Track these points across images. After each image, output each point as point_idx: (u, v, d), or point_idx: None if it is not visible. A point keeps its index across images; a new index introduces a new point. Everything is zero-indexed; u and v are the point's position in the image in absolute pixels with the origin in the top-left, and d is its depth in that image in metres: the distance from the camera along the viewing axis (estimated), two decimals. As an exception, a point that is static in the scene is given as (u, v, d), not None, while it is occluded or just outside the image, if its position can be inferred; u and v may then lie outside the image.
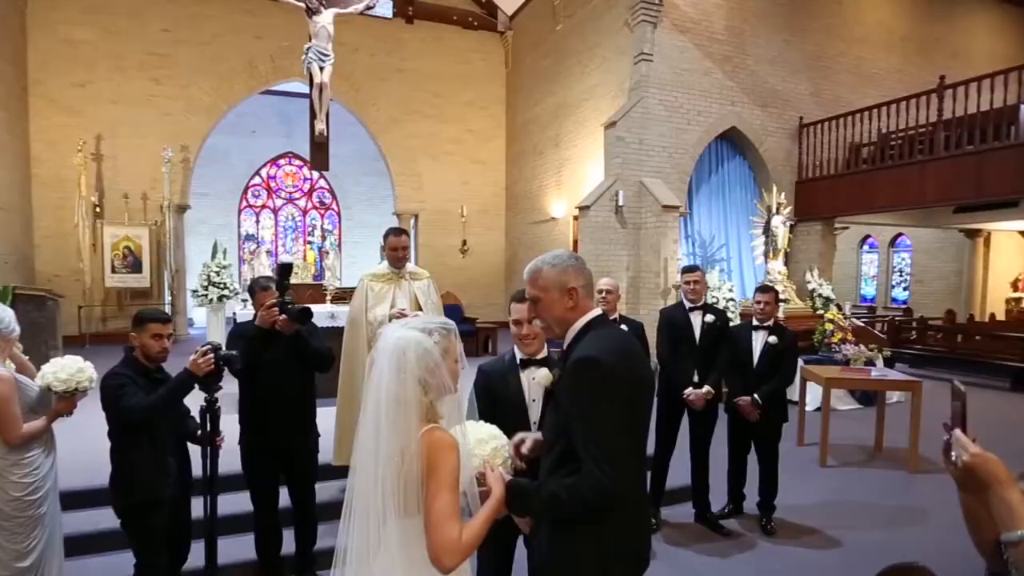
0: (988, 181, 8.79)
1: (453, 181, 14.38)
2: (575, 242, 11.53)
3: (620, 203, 9.34)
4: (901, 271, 15.46)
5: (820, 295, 9.96)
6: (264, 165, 16.78)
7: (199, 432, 2.81)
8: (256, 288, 3.20)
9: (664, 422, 4.29)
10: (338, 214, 17.51)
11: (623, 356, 1.71)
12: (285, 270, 3.07)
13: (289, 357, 3.08)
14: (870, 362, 7.84)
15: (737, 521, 4.40)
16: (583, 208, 9.47)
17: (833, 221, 11.23)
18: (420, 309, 3.85)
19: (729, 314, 8.00)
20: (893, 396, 7.52)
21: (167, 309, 11.48)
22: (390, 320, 3.75)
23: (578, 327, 1.78)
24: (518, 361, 2.60)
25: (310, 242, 17.12)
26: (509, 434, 2.02)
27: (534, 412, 2.54)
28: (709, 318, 4.35)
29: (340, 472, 3.85)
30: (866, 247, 16.21)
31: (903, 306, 14.75)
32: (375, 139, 13.82)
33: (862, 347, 8.04)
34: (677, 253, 9.54)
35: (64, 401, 2.76)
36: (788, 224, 9.83)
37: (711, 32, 10.20)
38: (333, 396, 4.02)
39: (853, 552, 3.95)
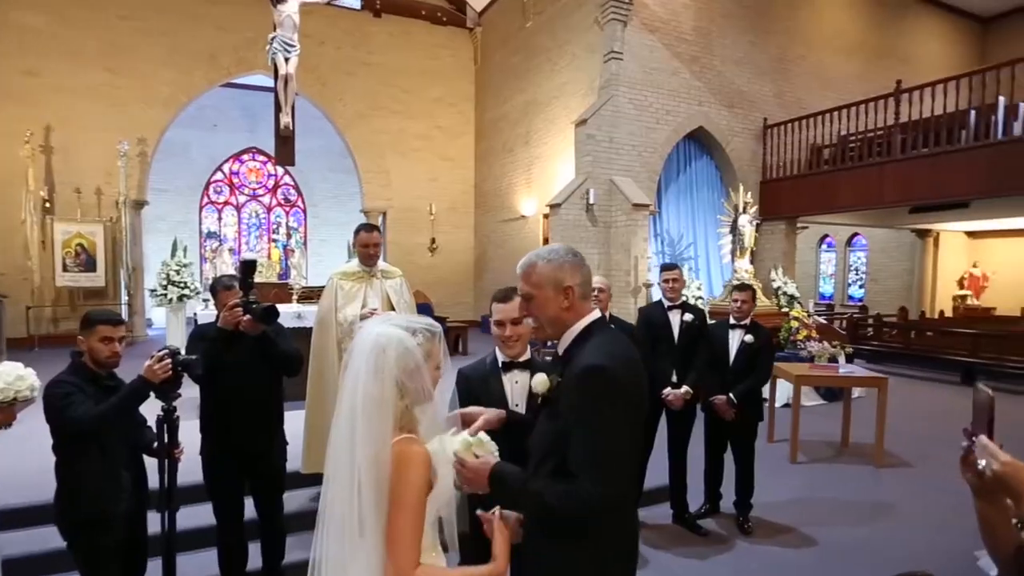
0: (943, 182, 9.04)
1: (421, 178, 14.10)
2: (545, 240, 11.44)
3: (591, 201, 9.28)
4: (857, 270, 15.89)
5: (785, 293, 10.12)
6: (226, 160, 16.16)
7: (155, 444, 2.57)
8: (218, 287, 2.98)
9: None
10: (304, 211, 16.99)
11: (628, 365, 1.59)
12: (249, 268, 2.85)
13: (254, 360, 2.87)
14: (833, 359, 7.97)
15: (714, 521, 4.34)
16: (554, 206, 9.38)
17: (796, 221, 11.43)
18: (392, 309, 3.67)
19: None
20: (856, 391, 7.65)
21: (123, 310, 10.95)
22: (361, 320, 3.58)
23: (577, 330, 1.64)
24: (500, 364, 2.47)
25: (275, 240, 16.57)
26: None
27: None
28: (688, 317, 4.29)
29: (309, 480, 3.64)
30: (824, 246, 16.61)
31: (859, 303, 15.13)
32: (342, 134, 13.42)
33: (825, 344, 8.16)
34: (647, 252, 9.54)
35: (1, 412, 2.49)
36: (754, 223, 9.94)
37: (679, 32, 10.23)
38: (301, 400, 3.80)
39: (828, 550, 3.93)
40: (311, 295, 5.93)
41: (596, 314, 1.68)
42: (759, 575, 3.66)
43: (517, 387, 2.46)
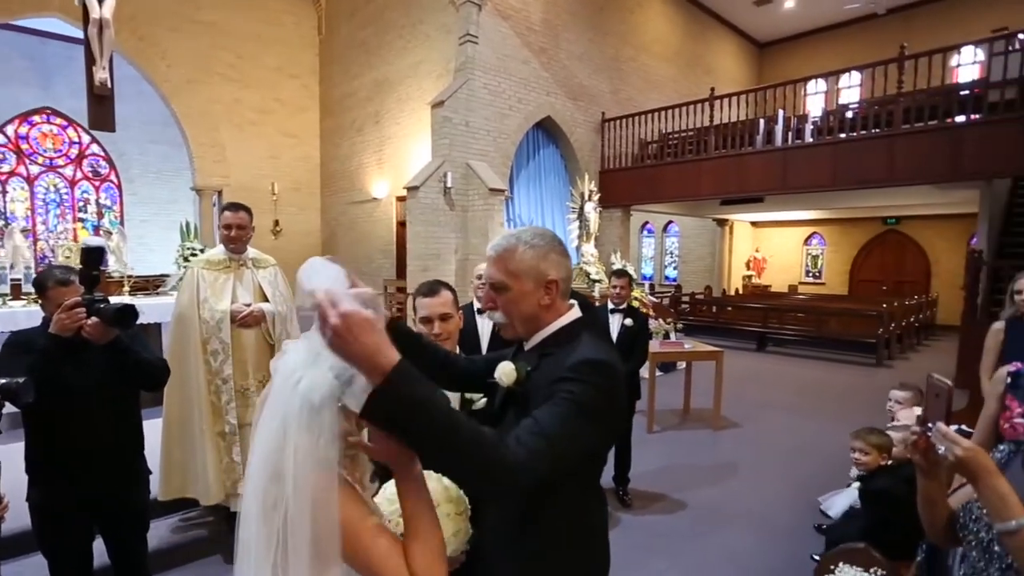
0: (746, 179, 10.23)
1: (261, 155, 12.42)
2: (400, 224, 10.86)
3: (448, 185, 8.92)
4: (672, 253, 17.60)
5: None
6: (11, 121, 12.70)
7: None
8: (48, 282, 2.07)
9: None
10: (118, 187, 14.03)
11: (623, 373, 1.30)
12: (93, 256, 2.05)
13: (106, 374, 2.10)
14: (667, 335, 8.68)
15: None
16: (412, 189, 8.83)
17: (630, 209, 12.23)
18: (266, 301, 3.05)
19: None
20: (680, 363, 8.40)
21: None
22: (233, 319, 2.91)
23: (552, 330, 1.33)
24: None
25: (82, 219, 13.51)
26: None
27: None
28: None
29: (168, 508, 2.92)
30: (645, 232, 18.13)
31: (674, 283, 16.83)
32: (167, 101, 11.25)
33: (660, 321, 8.85)
34: (502, 235, 9.49)
35: None
36: (598, 211, 10.41)
37: (529, 23, 10.19)
38: (151, 406, 3.02)
39: (699, 512, 4.11)
40: (146, 286, 4.84)
41: (577, 312, 1.36)
42: (647, 545, 3.73)
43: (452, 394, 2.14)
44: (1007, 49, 7.88)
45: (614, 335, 4.35)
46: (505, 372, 1.34)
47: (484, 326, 3.78)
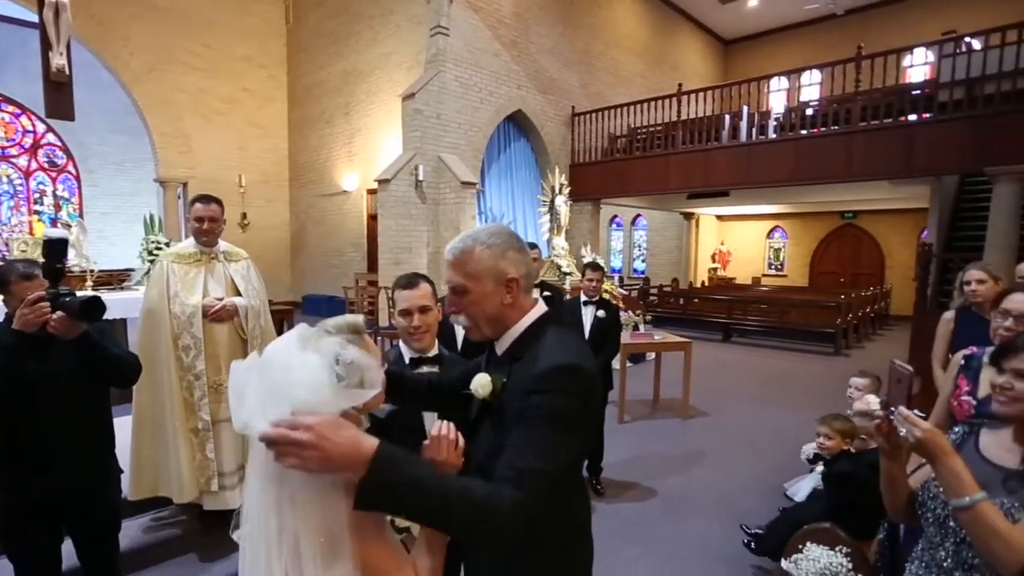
0: (712, 173, 10.42)
1: (228, 146, 12.08)
2: (372, 217, 10.73)
3: (420, 177, 8.85)
4: (640, 246, 17.86)
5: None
6: None
7: None
8: (10, 276, 1.97)
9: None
10: (77, 178, 13.43)
11: (595, 369, 1.27)
12: (57, 248, 1.97)
13: (73, 371, 2.03)
14: (636, 326, 8.82)
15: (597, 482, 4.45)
16: (383, 182, 8.73)
17: (600, 202, 12.34)
18: (239, 295, 2.98)
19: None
20: (650, 354, 8.55)
21: None
22: (205, 313, 2.84)
23: (521, 329, 1.31)
24: (407, 360, 2.09)
25: (38, 212, 12.90)
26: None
27: (429, 420, 2.08)
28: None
29: (138, 507, 2.85)
30: (614, 225, 18.33)
31: (642, 276, 17.07)
32: (128, 90, 10.79)
33: (630, 313, 8.98)
34: (474, 229, 9.48)
35: None
36: (568, 204, 10.47)
37: (500, 15, 10.14)
38: (122, 403, 2.94)
39: (669, 500, 4.22)
40: (110, 280, 4.67)
41: (542, 307, 1.35)
42: (620, 533, 3.81)
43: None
44: (955, 51, 8.20)
45: (587, 327, 4.39)
46: (481, 384, 1.33)
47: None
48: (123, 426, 2.60)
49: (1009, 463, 1.31)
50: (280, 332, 5.71)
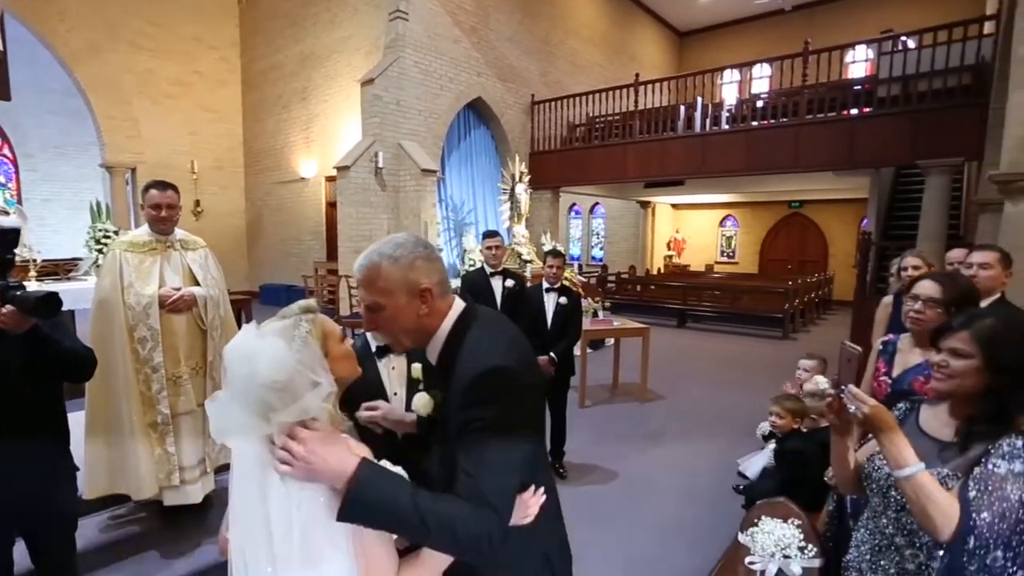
0: (668, 163, 10.62)
1: (179, 131, 11.53)
2: (331, 204, 10.49)
3: (380, 165, 8.70)
4: (598, 234, 18.09)
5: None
6: None
7: None
8: None
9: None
10: (14, 162, 12.55)
11: (523, 356, 1.28)
12: (8, 239, 1.85)
13: (23, 366, 1.89)
14: (595, 313, 8.97)
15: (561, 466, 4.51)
16: (342, 169, 8.54)
17: (559, 190, 12.42)
18: (197, 285, 2.88)
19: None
20: (609, 340, 8.72)
21: None
22: (162, 304, 2.74)
23: (445, 333, 1.28)
24: (374, 349, 2.08)
25: None
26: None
27: (398, 406, 2.08)
28: (509, 283, 4.29)
29: (93, 505, 2.75)
30: (573, 213, 18.49)
31: (600, 263, 17.32)
32: (69, 69, 10.12)
33: (589, 300, 9.12)
34: (436, 217, 9.40)
35: None
36: (528, 192, 10.49)
37: (459, 1, 9.99)
38: (75, 397, 2.80)
39: (630, 480, 4.33)
40: (55, 270, 4.41)
41: (460, 306, 1.32)
42: (583, 514, 3.89)
43: (394, 373, 2.09)
44: (892, 49, 8.58)
45: (549, 314, 4.44)
46: (422, 404, 1.35)
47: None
48: (78, 422, 2.50)
49: (945, 436, 1.41)
50: (239, 322, 5.51)
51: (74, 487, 2.20)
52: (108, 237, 4.92)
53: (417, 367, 2.04)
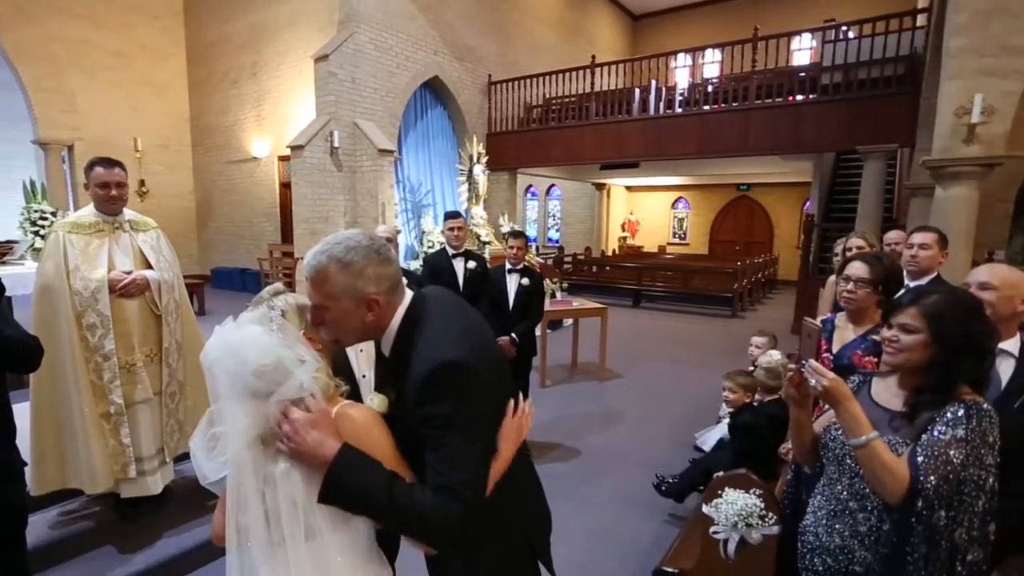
0: (624, 146, 10.71)
1: (120, 106, 10.79)
2: (284, 185, 10.11)
3: (335, 144, 8.43)
4: (554, 215, 18.19)
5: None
6: None
7: None
8: None
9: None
10: None
11: (478, 343, 1.25)
12: None
13: None
14: (553, 294, 9.05)
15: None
16: (296, 148, 8.23)
17: (516, 172, 12.36)
18: (149, 268, 2.73)
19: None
20: (567, 320, 8.83)
21: None
22: (112, 288, 2.58)
23: (395, 327, 1.27)
24: None
25: None
26: None
27: (366, 389, 2.03)
28: (471, 264, 4.27)
29: (41, 501, 2.60)
30: (529, 195, 18.51)
31: (557, 244, 17.45)
32: None
33: (548, 281, 9.18)
34: (393, 198, 9.21)
35: None
36: (486, 173, 10.40)
37: (415, -23, 9.74)
38: (19, 388, 2.63)
39: (591, 457, 4.44)
40: (-10, 254, 4.09)
41: (407, 299, 1.29)
42: (548, 490, 3.98)
43: (363, 356, 2.04)
44: (835, 38, 8.88)
45: (512, 295, 4.44)
46: (378, 403, 1.31)
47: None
48: (20, 414, 2.35)
49: (895, 406, 1.49)
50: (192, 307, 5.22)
51: (22, 483, 2.08)
52: (45, 219, 4.61)
53: (376, 398, 2.01)
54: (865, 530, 1.47)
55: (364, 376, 2.06)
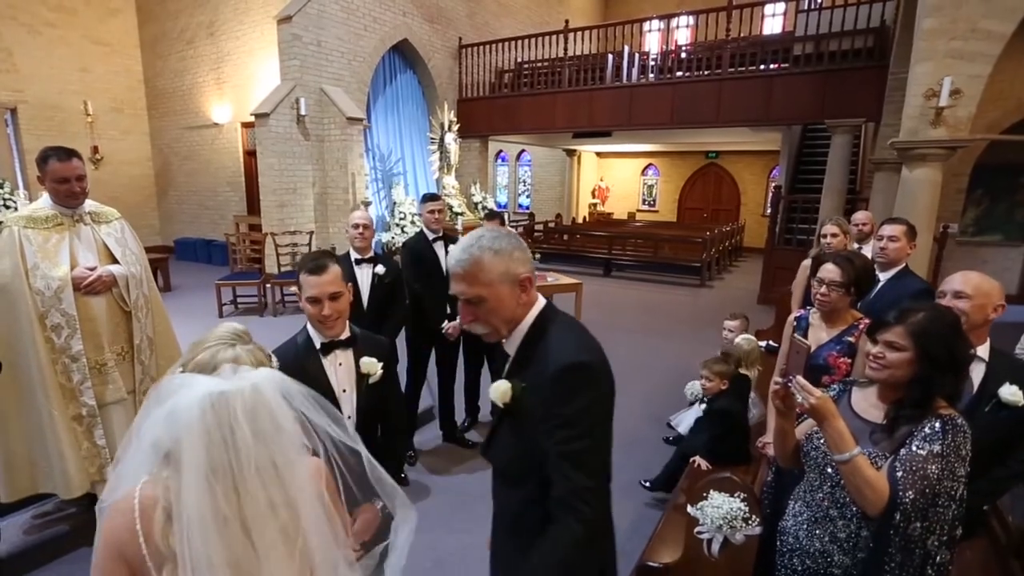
0: (597, 114, 10.57)
1: (67, 66, 10.02)
2: (250, 154, 9.67)
3: (302, 112, 8.08)
4: (525, 182, 17.99)
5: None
6: None
7: None
8: None
9: (416, 356, 4.08)
10: None
11: (603, 357, 1.31)
12: None
13: None
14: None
15: (476, 431, 4.56)
16: (261, 116, 7.84)
17: (488, 139, 12.10)
18: (115, 263, 2.59)
19: (415, 230, 7.99)
20: (542, 291, 8.84)
21: None
22: (76, 286, 2.44)
23: (527, 326, 1.32)
24: (318, 346, 1.91)
25: None
26: None
27: (347, 405, 1.94)
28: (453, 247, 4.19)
29: (12, 505, 2.52)
30: (499, 161, 18.22)
31: (527, 211, 17.33)
32: None
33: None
34: (363, 168, 8.94)
35: None
36: (458, 141, 10.16)
37: (381, -67, 9.22)
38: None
39: None
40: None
41: (542, 301, 1.36)
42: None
43: (342, 369, 1.96)
44: (809, 7, 8.83)
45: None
46: (500, 393, 1.32)
47: (363, 278, 3.59)
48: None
49: (875, 418, 1.54)
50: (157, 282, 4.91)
51: None
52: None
53: (367, 361, 1.96)
54: (844, 536, 1.53)
55: (344, 391, 1.98)
